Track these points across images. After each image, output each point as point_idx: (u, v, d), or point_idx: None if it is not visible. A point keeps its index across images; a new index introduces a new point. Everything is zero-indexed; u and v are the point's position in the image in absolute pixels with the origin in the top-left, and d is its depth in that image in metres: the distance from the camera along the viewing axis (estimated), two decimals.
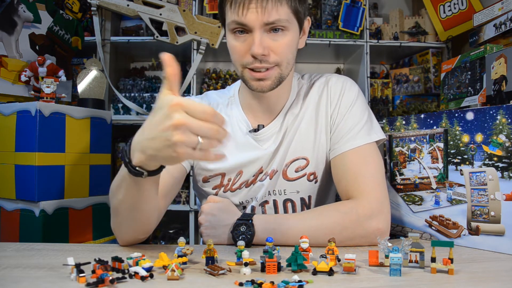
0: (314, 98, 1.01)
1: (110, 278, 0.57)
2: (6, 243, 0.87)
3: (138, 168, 0.68)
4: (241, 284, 0.58)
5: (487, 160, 0.84)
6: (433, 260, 0.65)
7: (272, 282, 0.56)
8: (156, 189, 0.77)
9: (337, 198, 1.07)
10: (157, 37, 1.94)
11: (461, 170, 0.89)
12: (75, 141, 1.24)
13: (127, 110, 2.02)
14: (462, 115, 0.89)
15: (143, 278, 0.60)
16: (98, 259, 0.63)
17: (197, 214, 1.92)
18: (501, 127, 0.82)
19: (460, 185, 0.89)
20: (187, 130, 0.59)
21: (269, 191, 1.00)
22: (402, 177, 1.02)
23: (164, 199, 0.90)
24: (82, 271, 0.59)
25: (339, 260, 0.69)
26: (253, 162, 0.99)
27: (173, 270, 0.61)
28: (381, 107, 2.17)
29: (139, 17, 1.93)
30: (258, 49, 0.84)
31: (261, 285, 0.56)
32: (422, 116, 0.98)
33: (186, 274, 0.64)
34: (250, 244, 0.83)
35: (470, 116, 0.88)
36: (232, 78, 2.23)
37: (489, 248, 0.83)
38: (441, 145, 0.94)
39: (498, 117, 0.82)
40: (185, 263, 0.67)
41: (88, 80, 1.56)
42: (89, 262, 0.61)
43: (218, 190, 1.01)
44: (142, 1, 1.93)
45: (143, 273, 0.61)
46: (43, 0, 1.57)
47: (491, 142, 0.83)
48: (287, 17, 0.86)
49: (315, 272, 0.64)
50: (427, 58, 2.14)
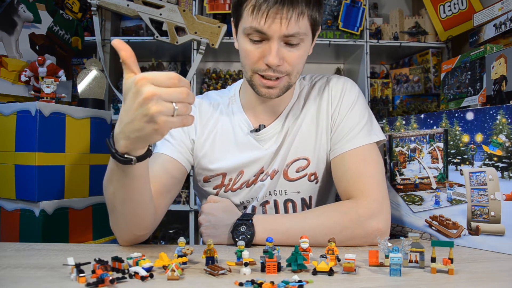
0: (315, 99, 1.01)
1: (110, 278, 0.57)
2: (6, 243, 0.87)
3: (126, 155, 0.69)
4: (241, 284, 0.58)
5: (487, 160, 0.84)
6: (433, 260, 0.65)
7: (272, 282, 0.56)
8: (146, 177, 0.78)
9: (337, 198, 1.07)
10: (157, 37, 1.94)
11: (461, 170, 0.89)
12: (75, 141, 1.24)
13: None
14: (462, 115, 0.89)
15: (143, 278, 0.60)
16: (98, 259, 0.63)
17: (197, 214, 1.92)
18: (501, 127, 0.82)
19: (460, 185, 0.89)
20: (160, 99, 0.60)
21: (269, 191, 1.00)
22: (402, 177, 1.02)
23: (162, 197, 0.90)
24: (82, 271, 0.59)
25: (339, 260, 0.69)
26: (254, 162, 0.99)
27: (173, 270, 0.61)
28: (381, 107, 2.17)
29: (139, 17, 1.93)
30: (274, 59, 0.84)
31: (261, 285, 0.56)
32: (422, 116, 0.98)
33: (186, 274, 0.64)
34: (250, 244, 0.83)
35: (470, 116, 0.88)
36: (232, 78, 2.23)
37: (489, 248, 0.83)
38: (441, 145, 0.94)
39: (498, 117, 0.82)
40: (185, 263, 0.67)
41: (88, 80, 1.56)
42: (89, 262, 0.61)
43: (219, 190, 1.01)
44: (142, 1, 1.93)
45: (143, 273, 0.61)
46: (43, 0, 1.57)
47: (491, 142, 0.83)
48: (306, 30, 0.86)
49: (315, 272, 0.64)
50: (427, 58, 2.14)
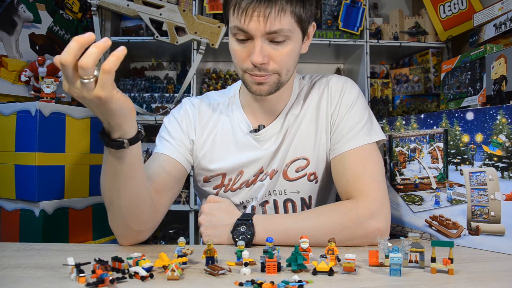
0: (314, 99, 1.01)
1: (110, 278, 0.57)
2: (6, 243, 0.87)
3: (119, 138, 0.71)
4: (241, 284, 0.58)
5: (487, 160, 0.84)
6: (433, 260, 0.65)
7: (272, 282, 0.56)
8: (140, 165, 0.79)
9: (337, 198, 1.07)
10: (157, 37, 1.94)
11: (461, 170, 0.89)
12: (75, 141, 1.24)
13: None
14: (462, 115, 0.89)
15: (143, 278, 0.60)
16: (98, 259, 0.63)
17: (197, 214, 1.92)
18: (501, 127, 0.82)
19: (460, 185, 0.89)
20: (86, 69, 0.61)
21: (269, 191, 1.00)
22: (402, 177, 1.02)
23: (161, 196, 0.89)
24: (82, 271, 0.59)
25: (339, 260, 0.69)
26: (253, 162, 0.99)
27: (173, 270, 0.61)
28: (381, 107, 2.17)
29: (139, 17, 1.93)
30: (258, 57, 0.84)
31: (261, 285, 0.56)
32: (422, 116, 0.98)
33: (186, 274, 0.64)
34: (250, 244, 0.83)
35: (470, 116, 0.88)
36: (232, 78, 2.23)
37: (489, 248, 0.83)
38: (441, 145, 0.94)
39: (498, 117, 0.82)
40: (185, 263, 0.67)
41: None
42: (89, 262, 0.61)
43: (218, 190, 1.01)
44: (142, 1, 1.93)
45: (143, 273, 0.61)
46: (43, 0, 1.57)
47: (491, 142, 0.83)
48: (290, 26, 0.84)
49: (315, 272, 0.64)
50: (427, 58, 2.13)
